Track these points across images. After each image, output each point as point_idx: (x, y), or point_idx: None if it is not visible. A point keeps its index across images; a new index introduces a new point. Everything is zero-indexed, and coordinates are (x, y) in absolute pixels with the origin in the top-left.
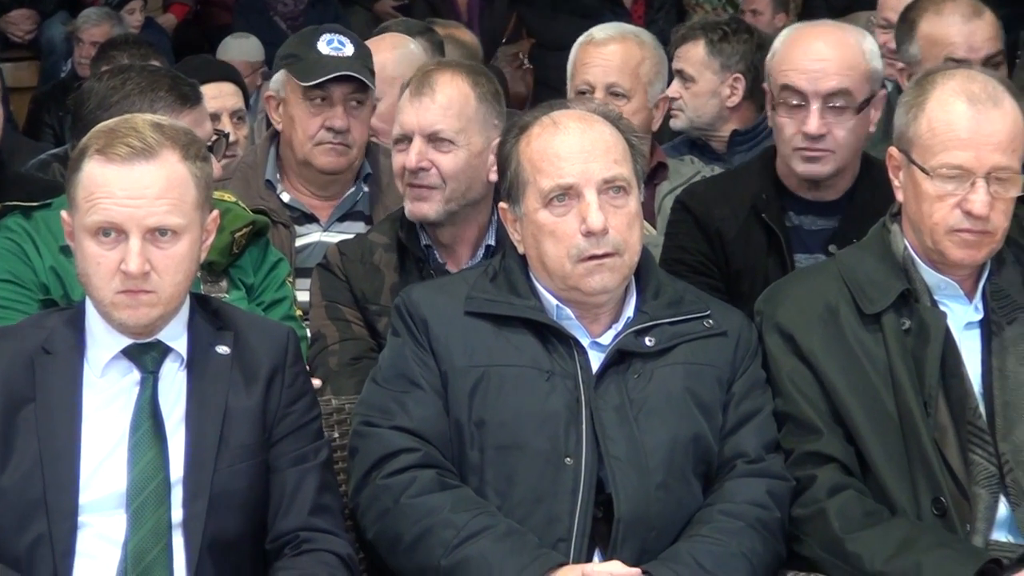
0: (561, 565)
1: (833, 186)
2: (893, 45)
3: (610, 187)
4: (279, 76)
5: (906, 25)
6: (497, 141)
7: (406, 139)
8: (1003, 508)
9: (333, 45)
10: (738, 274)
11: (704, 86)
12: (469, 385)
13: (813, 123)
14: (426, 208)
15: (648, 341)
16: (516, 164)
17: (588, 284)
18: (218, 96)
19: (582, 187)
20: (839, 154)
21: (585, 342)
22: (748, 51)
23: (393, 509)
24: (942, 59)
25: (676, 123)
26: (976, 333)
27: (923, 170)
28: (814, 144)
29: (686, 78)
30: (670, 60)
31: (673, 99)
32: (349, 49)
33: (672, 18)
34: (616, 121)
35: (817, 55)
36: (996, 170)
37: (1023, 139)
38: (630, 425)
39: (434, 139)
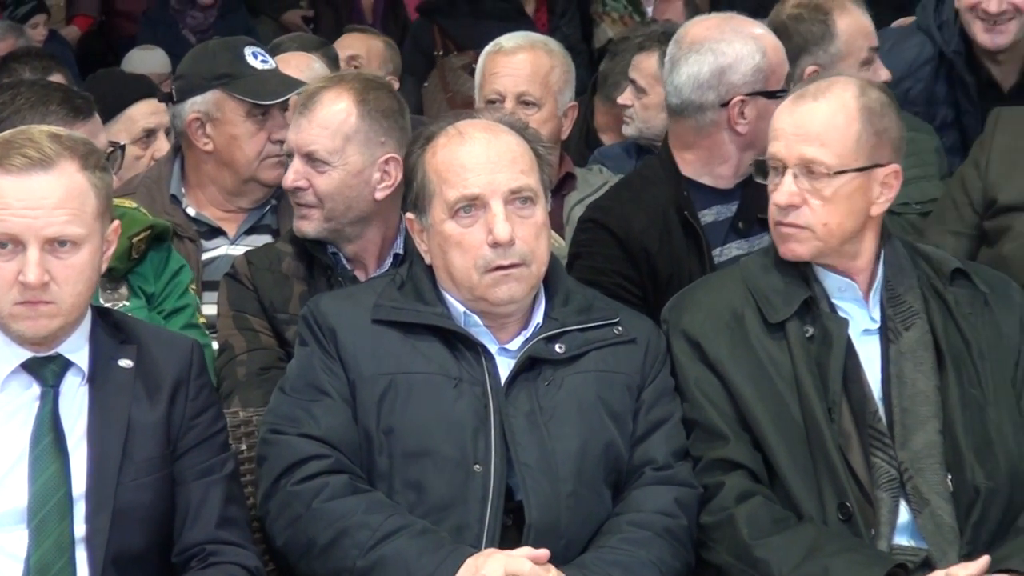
0: None
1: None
2: None
3: (516, 197)
4: (209, 97)
5: (820, 27)
6: (385, 157)
7: (290, 156)
8: (904, 512)
9: (261, 59)
10: (668, 281)
11: (655, 99)
12: (377, 393)
13: None
14: (306, 226)
15: (558, 348)
16: (422, 175)
17: (495, 294)
18: (156, 112)
19: (488, 198)
20: None
21: (493, 349)
22: None
23: (305, 515)
24: (865, 51)
25: (627, 129)
26: (875, 339)
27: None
28: None
29: (639, 89)
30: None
31: (626, 106)
32: (272, 60)
33: (576, 24)
34: (522, 131)
35: None
36: (805, 162)
37: (839, 132)
38: (541, 432)
39: (310, 159)
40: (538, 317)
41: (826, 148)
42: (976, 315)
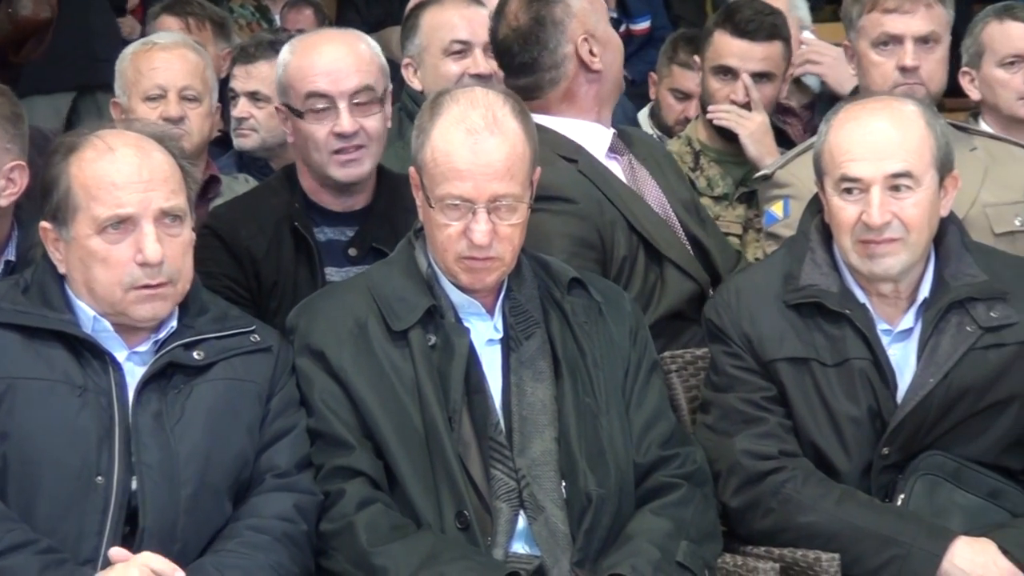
0: None
1: (363, 191)
2: None
3: (167, 216)
4: None
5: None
6: (11, 164)
7: None
8: (522, 521)
9: None
10: (272, 288)
11: None
12: None
13: (345, 120)
14: None
15: (197, 355)
16: (66, 187)
17: (138, 312)
18: None
19: (140, 217)
20: (373, 148)
21: (122, 356)
22: None
23: None
24: (447, 42)
25: (246, 143)
26: (497, 349)
27: (428, 200)
28: (350, 143)
29: (260, 98)
30: (227, 80)
31: (242, 119)
32: None
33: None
34: (170, 145)
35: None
36: (496, 198)
37: (525, 162)
38: (166, 434)
39: None
40: (172, 322)
41: (515, 179)
42: (591, 324)
